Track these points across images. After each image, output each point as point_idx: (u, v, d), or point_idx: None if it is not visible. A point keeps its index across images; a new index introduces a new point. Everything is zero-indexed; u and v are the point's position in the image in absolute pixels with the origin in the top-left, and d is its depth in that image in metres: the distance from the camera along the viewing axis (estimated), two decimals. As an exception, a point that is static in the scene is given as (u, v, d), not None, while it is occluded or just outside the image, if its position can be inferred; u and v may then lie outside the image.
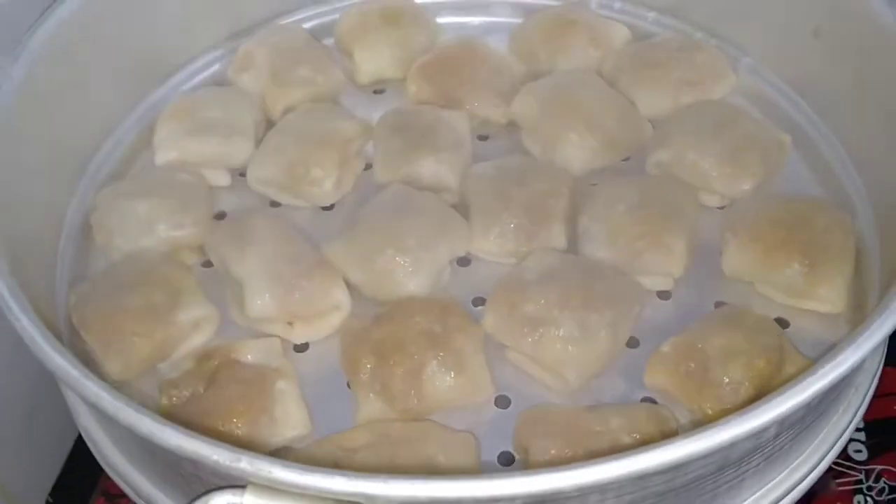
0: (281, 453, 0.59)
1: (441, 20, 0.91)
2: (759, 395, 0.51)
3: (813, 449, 0.55)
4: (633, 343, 0.66)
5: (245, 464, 0.42)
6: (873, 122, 0.68)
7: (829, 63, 0.73)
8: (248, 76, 0.84)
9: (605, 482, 0.40)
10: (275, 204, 0.77)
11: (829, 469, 0.81)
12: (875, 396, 0.79)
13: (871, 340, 0.46)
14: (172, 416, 0.59)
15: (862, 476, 0.85)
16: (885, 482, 0.85)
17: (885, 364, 0.76)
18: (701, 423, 0.48)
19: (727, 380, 0.58)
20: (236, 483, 0.43)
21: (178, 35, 0.85)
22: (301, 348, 0.67)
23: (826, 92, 0.75)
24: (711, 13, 0.84)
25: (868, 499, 0.84)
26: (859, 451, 0.87)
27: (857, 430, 0.88)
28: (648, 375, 0.61)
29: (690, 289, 0.69)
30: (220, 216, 0.76)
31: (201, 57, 0.88)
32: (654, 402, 0.62)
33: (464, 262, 0.72)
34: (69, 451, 0.92)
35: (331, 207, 0.76)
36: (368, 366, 0.61)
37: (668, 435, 0.54)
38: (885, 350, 0.61)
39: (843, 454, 0.87)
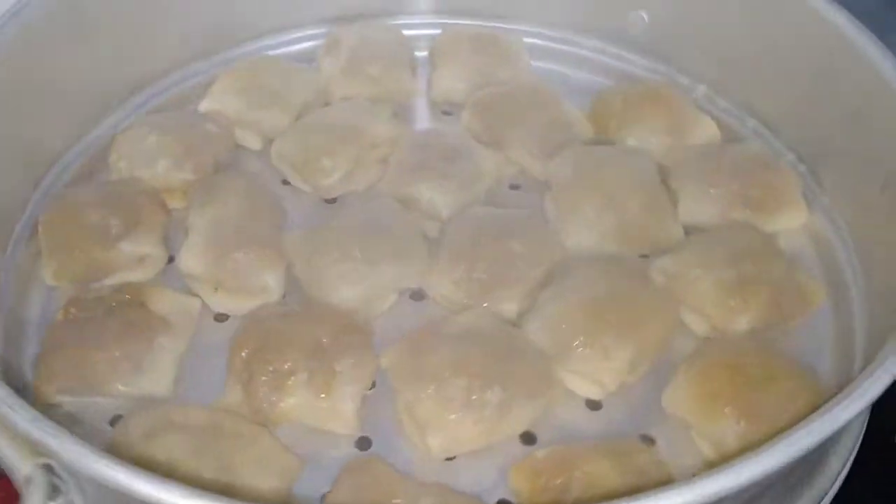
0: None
1: (537, 63, 0.87)
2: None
3: None
4: (529, 439, 0.59)
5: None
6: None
7: (890, 224, 0.62)
8: (328, 60, 0.85)
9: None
10: (286, 183, 0.77)
11: None
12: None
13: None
14: (57, 331, 0.61)
15: None
16: None
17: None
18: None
19: (576, 510, 0.51)
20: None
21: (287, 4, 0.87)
22: (221, 318, 0.66)
23: (877, 257, 0.64)
24: (810, 139, 0.74)
25: None
26: None
27: None
28: (512, 476, 0.55)
29: (624, 410, 0.61)
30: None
31: (301, 30, 0.89)
32: (507, 505, 0.55)
33: (418, 296, 0.68)
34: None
35: (333, 201, 0.75)
36: (244, 354, 0.59)
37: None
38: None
39: None
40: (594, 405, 0.61)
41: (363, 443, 0.59)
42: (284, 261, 0.66)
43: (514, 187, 0.77)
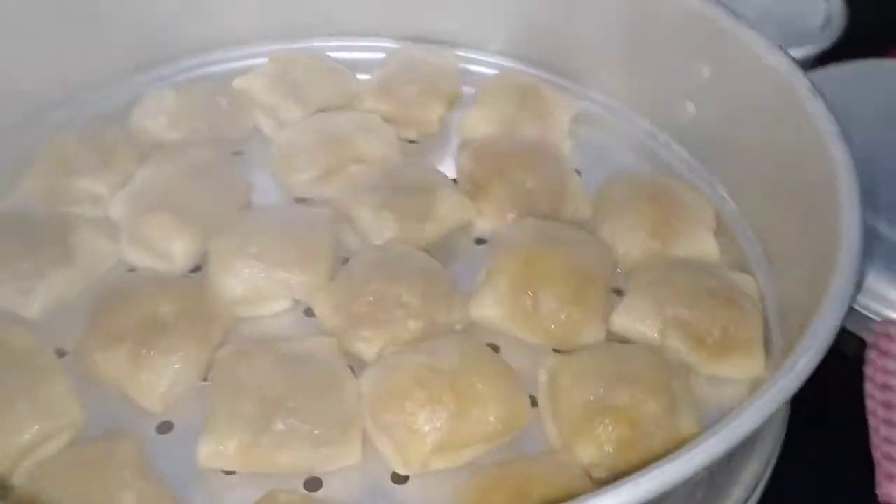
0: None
1: (584, 130, 0.83)
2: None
3: None
4: (314, 485, 0.57)
5: None
6: None
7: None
8: (377, 72, 0.85)
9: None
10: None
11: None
12: None
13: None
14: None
15: None
16: None
17: None
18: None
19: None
20: None
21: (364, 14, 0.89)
22: (134, 271, 0.69)
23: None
24: (797, 291, 0.64)
25: None
26: None
27: None
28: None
29: (427, 495, 0.56)
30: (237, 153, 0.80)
31: (372, 39, 0.90)
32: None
33: (312, 312, 0.66)
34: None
35: (303, 202, 0.75)
36: (100, 305, 0.61)
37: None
38: None
39: None
40: (399, 478, 0.57)
41: (164, 426, 0.59)
42: (201, 237, 0.67)
43: (479, 241, 0.74)
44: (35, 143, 0.75)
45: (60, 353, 0.62)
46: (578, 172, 0.80)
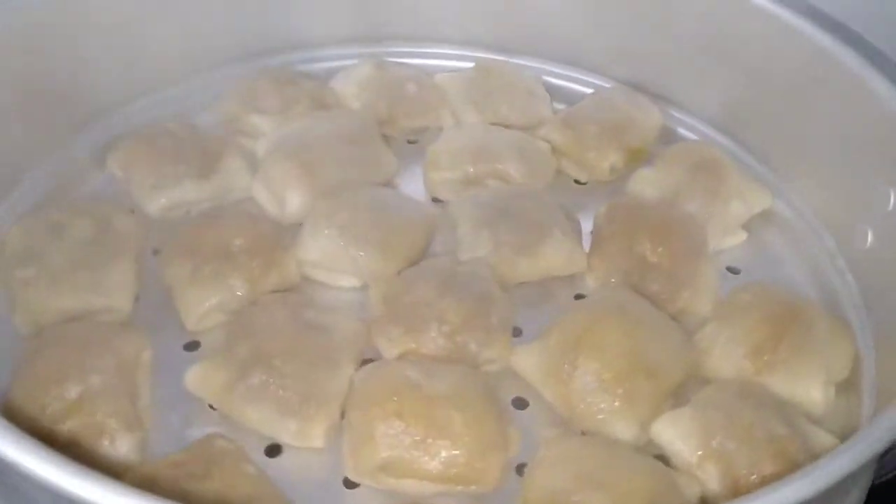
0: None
1: (765, 232, 0.75)
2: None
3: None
4: (273, 451, 0.57)
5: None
6: None
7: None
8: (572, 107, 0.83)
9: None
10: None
11: None
12: None
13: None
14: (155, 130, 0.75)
15: None
16: None
17: None
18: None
19: None
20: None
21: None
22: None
23: None
24: None
25: None
26: None
27: None
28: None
29: None
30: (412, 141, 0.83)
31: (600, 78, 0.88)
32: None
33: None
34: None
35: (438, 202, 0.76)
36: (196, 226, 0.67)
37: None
38: None
39: None
40: (350, 483, 0.55)
41: (192, 345, 0.63)
42: (315, 196, 0.70)
43: (579, 297, 0.69)
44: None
45: (156, 252, 0.68)
46: (735, 270, 0.72)
